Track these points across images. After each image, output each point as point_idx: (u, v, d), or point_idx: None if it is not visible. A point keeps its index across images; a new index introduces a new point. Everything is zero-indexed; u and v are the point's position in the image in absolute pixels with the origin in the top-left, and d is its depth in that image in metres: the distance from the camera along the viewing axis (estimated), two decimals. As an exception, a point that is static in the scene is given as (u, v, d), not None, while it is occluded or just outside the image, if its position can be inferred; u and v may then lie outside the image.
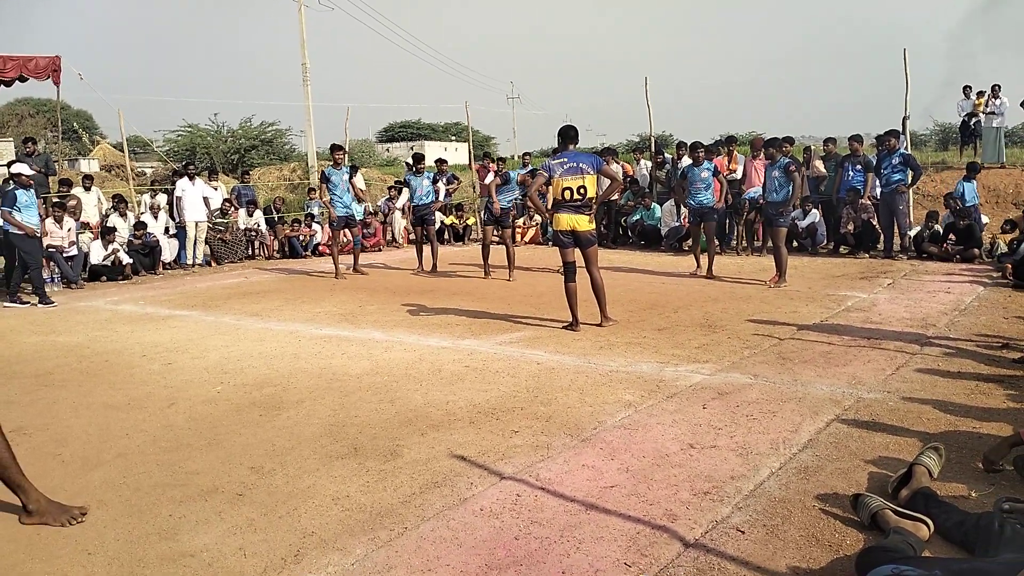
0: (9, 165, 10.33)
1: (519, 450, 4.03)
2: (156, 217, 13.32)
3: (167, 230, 13.36)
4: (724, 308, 7.79)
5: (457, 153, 53.97)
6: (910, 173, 11.44)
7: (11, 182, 9.76)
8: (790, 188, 9.10)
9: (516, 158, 17.17)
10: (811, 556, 2.86)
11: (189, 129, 33.34)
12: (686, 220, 12.94)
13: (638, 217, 14.17)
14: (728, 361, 5.67)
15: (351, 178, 11.33)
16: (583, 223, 6.88)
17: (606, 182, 7.21)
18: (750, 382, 5.12)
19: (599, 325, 7.06)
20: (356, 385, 5.38)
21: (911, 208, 12.50)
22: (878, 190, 11.68)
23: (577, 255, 7.01)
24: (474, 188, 17.32)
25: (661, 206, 13.91)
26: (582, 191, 6.85)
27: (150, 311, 8.85)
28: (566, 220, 6.90)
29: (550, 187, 7.09)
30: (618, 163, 14.94)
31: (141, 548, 3.10)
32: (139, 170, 25.92)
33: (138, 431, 4.55)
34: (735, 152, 13.24)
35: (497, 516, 3.27)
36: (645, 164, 15.21)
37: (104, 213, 13.27)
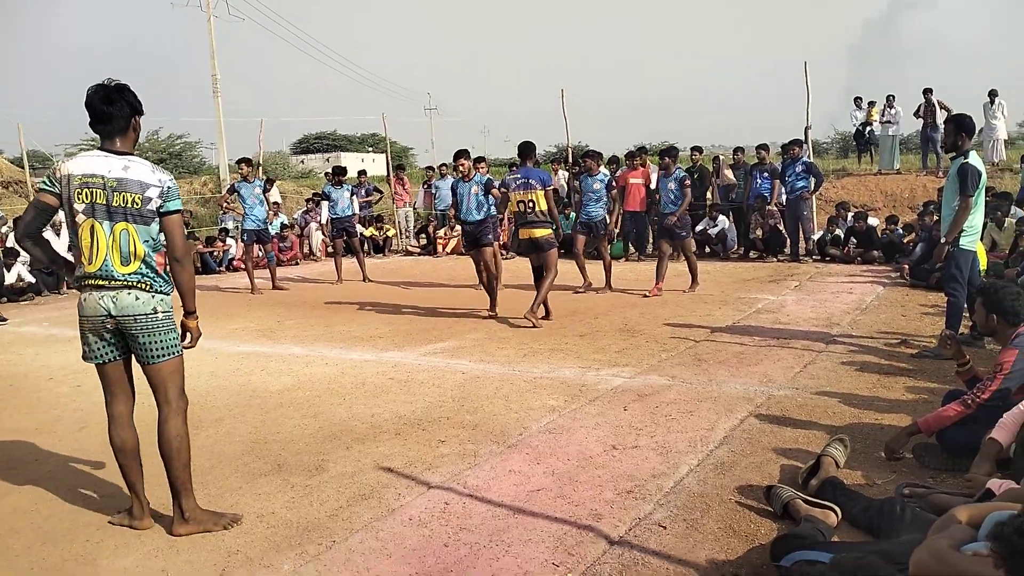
0: None
1: (446, 459, 4.05)
2: (59, 234, 12.73)
3: (70, 247, 12.79)
4: (642, 313, 7.99)
5: (375, 164, 53.47)
6: (812, 180, 11.99)
7: None
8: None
9: (437, 169, 17.09)
10: (729, 547, 2.99)
11: (92, 143, 32.04)
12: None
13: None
14: (647, 364, 5.83)
15: (266, 191, 11.19)
16: (538, 231, 7.53)
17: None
18: (668, 383, 5.28)
19: (525, 317, 7.41)
20: (277, 401, 5.30)
21: (815, 213, 13.09)
22: (784, 197, 12.19)
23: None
24: (392, 200, 17.25)
25: (579, 215, 14.16)
26: (531, 204, 7.48)
27: (55, 332, 8.47)
28: (524, 232, 7.63)
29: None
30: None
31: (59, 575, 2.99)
32: (37, 186, 24.77)
33: (49, 456, 4.37)
34: (648, 162, 13.60)
35: (426, 525, 3.29)
36: (563, 174, 15.47)
37: (2, 233, 12.63)
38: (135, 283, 3.18)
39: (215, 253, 14.44)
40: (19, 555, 3.20)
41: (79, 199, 3.11)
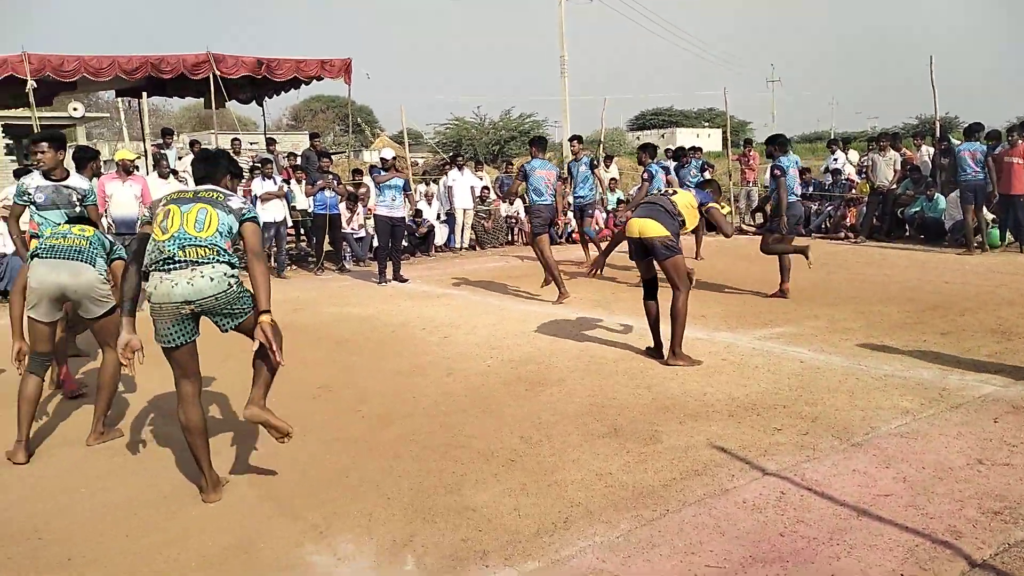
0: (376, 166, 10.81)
1: (782, 448, 3.95)
2: (430, 204, 14.52)
3: (439, 215, 14.52)
4: (1021, 313, 6.94)
5: (710, 140, 52.71)
6: None
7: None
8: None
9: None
10: None
11: (456, 122, 35.70)
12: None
13: (918, 208, 12.96)
14: (1026, 373, 5.08)
15: (594, 168, 11.39)
16: (650, 228, 5.61)
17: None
18: (1054, 398, 4.56)
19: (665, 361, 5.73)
20: (613, 369, 5.55)
21: None
22: None
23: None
24: (729, 176, 16.89)
25: (946, 197, 12.60)
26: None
27: (426, 289, 9.73)
28: (636, 225, 5.73)
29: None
30: (899, 150, 13.75)
31: (431, 499, 3.50)
32: (412, 160, 28.23)
33: (422, 395, 5.08)
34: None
35: (760, 510, 3.25)
36: (927, 150, 13.86)
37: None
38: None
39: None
40: (401, 476, 3.78)
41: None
